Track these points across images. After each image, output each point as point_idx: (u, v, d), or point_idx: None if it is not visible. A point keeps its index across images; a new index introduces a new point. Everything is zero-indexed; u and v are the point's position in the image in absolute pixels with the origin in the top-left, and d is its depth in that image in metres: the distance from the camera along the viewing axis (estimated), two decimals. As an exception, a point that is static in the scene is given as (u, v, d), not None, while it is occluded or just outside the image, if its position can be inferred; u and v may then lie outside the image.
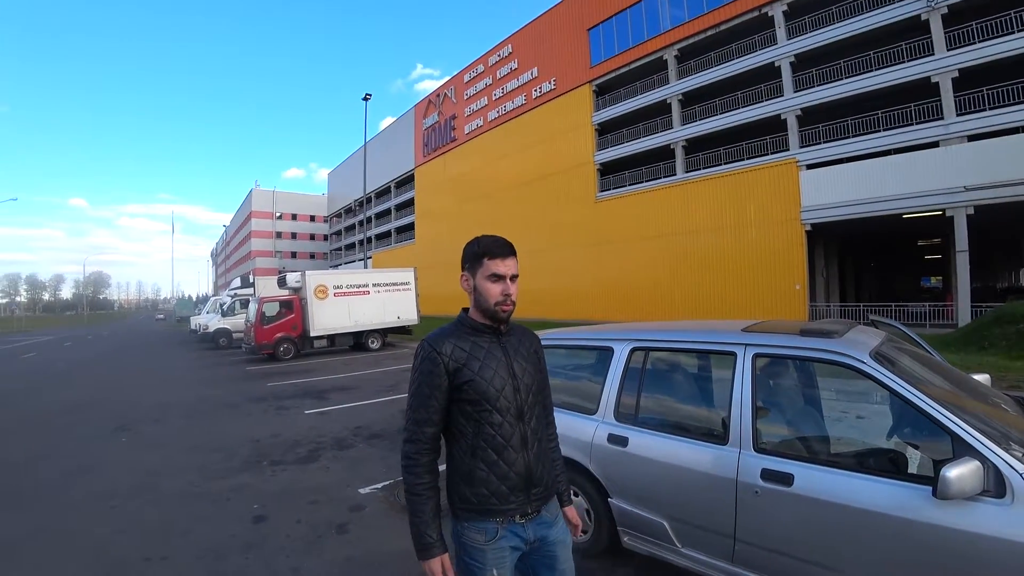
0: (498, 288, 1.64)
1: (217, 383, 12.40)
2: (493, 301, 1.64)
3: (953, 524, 1.91)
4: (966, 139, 16.34)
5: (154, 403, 9.87)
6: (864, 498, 2.13)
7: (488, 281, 1.64)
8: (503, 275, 1.64)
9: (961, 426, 2.01)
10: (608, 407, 3.12)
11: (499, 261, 1.64)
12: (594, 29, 27.33)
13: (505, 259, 1.65)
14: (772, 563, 2.42)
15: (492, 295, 1.64)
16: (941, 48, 16.67)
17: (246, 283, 28.50)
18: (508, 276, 1.64)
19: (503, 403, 1.63)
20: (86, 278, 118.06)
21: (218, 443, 6.79)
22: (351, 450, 6.25)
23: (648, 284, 23.97)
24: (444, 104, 39.42)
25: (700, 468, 2.63)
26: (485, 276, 1.64)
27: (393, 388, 10.39)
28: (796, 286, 19.43)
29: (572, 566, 1.77)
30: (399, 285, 18.95)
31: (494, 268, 1.63)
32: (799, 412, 3.04)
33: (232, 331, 22.30)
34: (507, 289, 1.64)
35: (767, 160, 20.78)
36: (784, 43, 20.29)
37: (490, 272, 1.64)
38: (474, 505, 1.63)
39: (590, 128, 27.53)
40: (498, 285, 1.64)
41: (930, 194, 16.70)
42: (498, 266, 1.63)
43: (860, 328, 2.98)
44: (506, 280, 1.64)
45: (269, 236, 71.72)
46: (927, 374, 2.60)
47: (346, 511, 4.37)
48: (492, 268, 1.63)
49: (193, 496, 4.89)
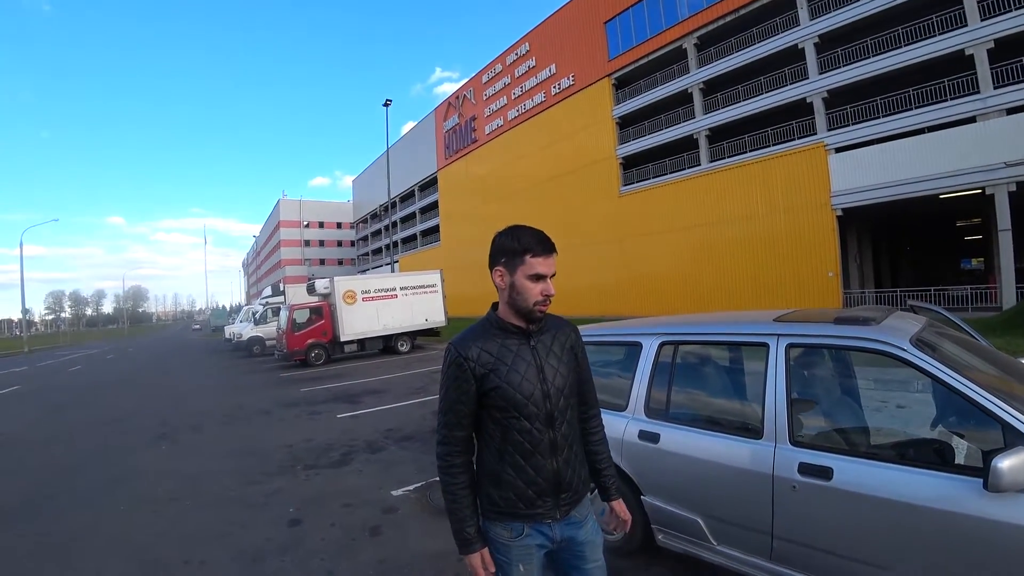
0: (539, 288, 1.57)
1: (251, 390, 12.68)
2: (532, 301, 1.58)
3: (1007, 518, 1.80)
4: (1005, 112, 15.61)
5: (192, 411, 10.15)
6: (908, 491, 2.03)
7: (529, 280, 1.57)
8: (545, 275, 1.58)
9: (1013, 414, 1.89)
10: (638, 403, 3.06)
11: (543, 259, 1.57)
12: (610, 22, 27.06)
13: (548, 257, 1.58)
14: (812, 560, 2.34)
15: (533, 295, 1.57)
16: (975, 18, 15.97)
17: (277, 291, 29.14)
18: (549, 275, 1.59)
19: (531, 409, 1.58)
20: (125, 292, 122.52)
21: (253, 449, 6.94)
22: (383, 453, 6.30)
23: (676, 277, 23.65)
24: (464, 106, 39.57)
25: (735, 464, 2.55)
26: (526, 275, 1.57)
27: (423, 390, 10.46)
28: (829, 273, 18.91)
29: (602, 564, 1.73)
30: (426, 287, 19.11)
31: (538, 267, 1.56)
32: (836, 403, 2.94)
33: (265, 339, 22.82)
34: (548, 289, 1.58)
35: (794, 145, 20.27)
36: (807, 24, 19.73)
37: (533, 271, 1.56)
38: (501, 507, 1.61)
39: (611, 122, 27.28)
40: (539, 285, 1.57)
41: (968, 172, 16.02)
42: (541, 265, 1.57)
43: (899, 314, 2.86)
44: (547, 279, 1.58)
45: (297, 244, 73.12)
46: (972, 360, 2.48)
47: (379, 513, 4.40)
48: (536, 267, 1.56)
49: (230, 501, 5.00)
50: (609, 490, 1.82)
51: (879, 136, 18.10)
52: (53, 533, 4.49)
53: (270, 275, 78.72)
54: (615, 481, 1.84)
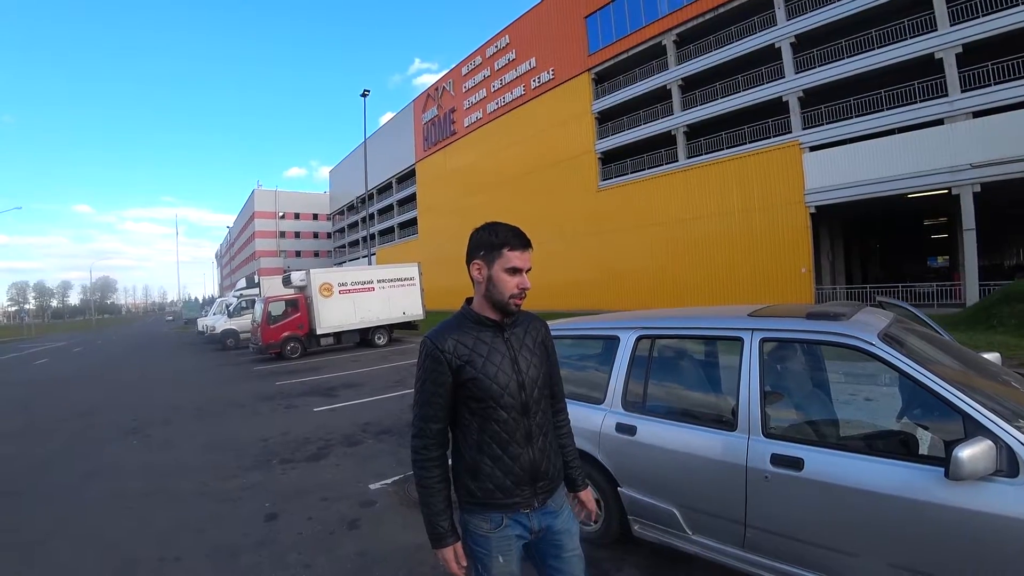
0: (515, 281, 1.61)
1: (225, 383, 12.48)
2: (509, 294, 1.61)
3: (966, 505, 1.89)
4: (971, 115, 16.12)
5: (164, 405, 9.94)
6: (875, 481, 2.11)
7: (506, 273, 1.61)
8: (521, 268, 1.62)
9: (972, 406, 1.98)
10: (615, 396, 3.10)
11: (519, 253, 1.61)
12: (591, 16, 27.09)
13: (524, 251, 1.62)
14: (783, 548, 2.41)
15: (508, 288, 1.61)
16: (944, 23, 16.41)
17: (251, 283, 28.60)
18: (525, 269, 1.63)
19: (508, 399, 1.62)
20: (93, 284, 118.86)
21: (228, 443, 6.84)
22: (360, 446, 6.27)
23: (653, 272, 23.90)
24: (443, 97, 39.27)
25: (709, 455, 2.61)
26: (503, 268, 1.61)
27: (400, 383, 10.41)
28: (802, 269, 19.33)
29: (580, 553, 1.77)
30: (404, 280, 18.98)
31: (514, 260, 1.60)
32: (808, 396, 3.02)
33: (239, 331, 22.39)
34: (523, 283, 1.62)
35: (770, 143, 20.61)
36: (784, 24, 20.04)
37: (509, 264, 1.60)
38: (479, 498, 1.64)
39: (590, 117, 27.37)
40: (515, 278, 1.61)
41: (935, 172, 16.51)
42: (517, 259, 1.61)
43: (868, 310, 2.95)
44: (523, 273, 1.62)
45: (272, 236, 71.86)
46: (937, 354, 2.57)
47: (357, 507, 4.39)
48: (512, 261, 1.60)
49: (205, 496, 4.92)
50: (576, 481, 1.88)
51: (852, 136, 18.52)
52: (22, 530, 4.37)
53: (244, 267, 77.25)
54: (581, 472, 1.91)
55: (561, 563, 1.73)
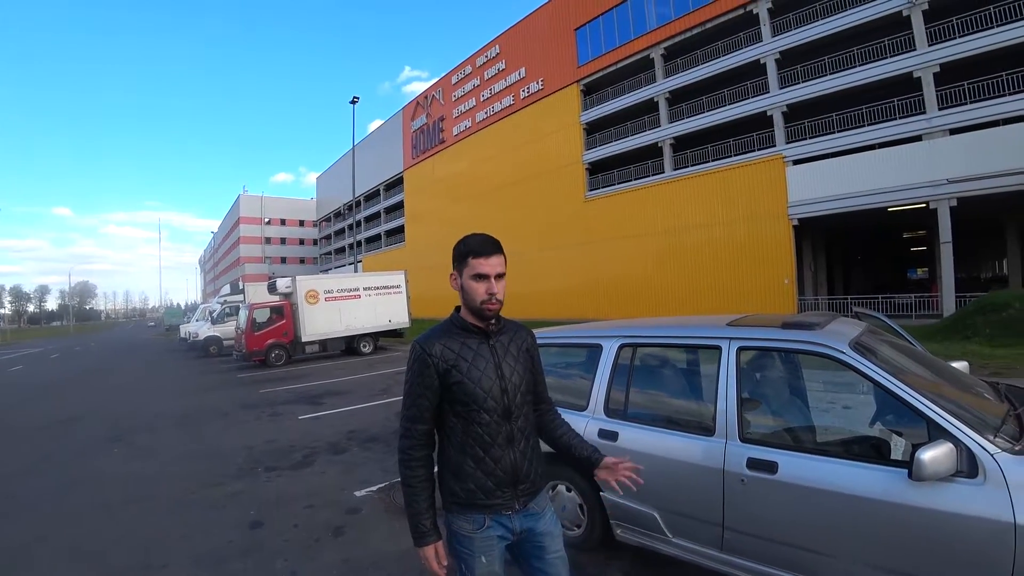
0: (483, 287, 1.67)
1: (209, 391, 12.36)
2: (479, 300, 1.68)
3: (929, 504, 1.98)
4: (948, 132, 16.57)
5: (146, 413, 9.83)
6: (846, 483, 2.20)
7: (473, 280, 1.67)
8: (487, 274, 1.67)
9: (935, 410, 2.08)
10: (598, 403, 3.17)
11: (483, 260, 1.67)
12: (581, 29, 27.43)
13: (489, 258, 1.68)
14: (759, 549, 2.49)
15: (478, 294, 1.67)
16: (923, 43, 16.89)
17: (236, 290, 28.38)
18: (493, 275, 1.67)
19: (490, 403, 1.68)
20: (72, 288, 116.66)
21: (212, 451, 6.80)
22: (346, 454, 6.27)
23: (639, 282, 24.09)
24: (432, 106, 39.40)
25: (688, 459, 2.69)
26: (470, 275, 1.68)
27: (386, 391, 10.40)
28: (785, 280, 19.62)
29: (563, 555, 1.81)
30: (390, 288, 18.95)
31: (478, 267, 1.66)
32: (784, 403, 3.11)
33: (223, 338, 22.20)
34: (491, 288, 1.67)
35: (754, 156, 20.95)
36: (769, 40, 20.46)
37: (475, 272, 1.67)
38: (462, 499, 1.70)
39: (578, 128, 27.63)
40: (483, 284, 1.67)
41: (914, 187, 16.92)
42: (482, 265, 1.67)
43: (842, 320, 3.06)
44: (490, 279, 1.67)
45: (258, 242, 71.25)
46: (906, 362, 2.68)
47: (343, 514, 4.40)
48: (477, 267, 1.67)
49: (189, 504, 4.89)
50: (591, 457, 1.84)
51: (834, 150, 18.91)
52: (3, 541, 4.31)
53: (228, 272, 76.45)
54: (592, 449, 1.86)
55: (544, 564, 1.77)
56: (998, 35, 15.51)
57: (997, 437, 2.04)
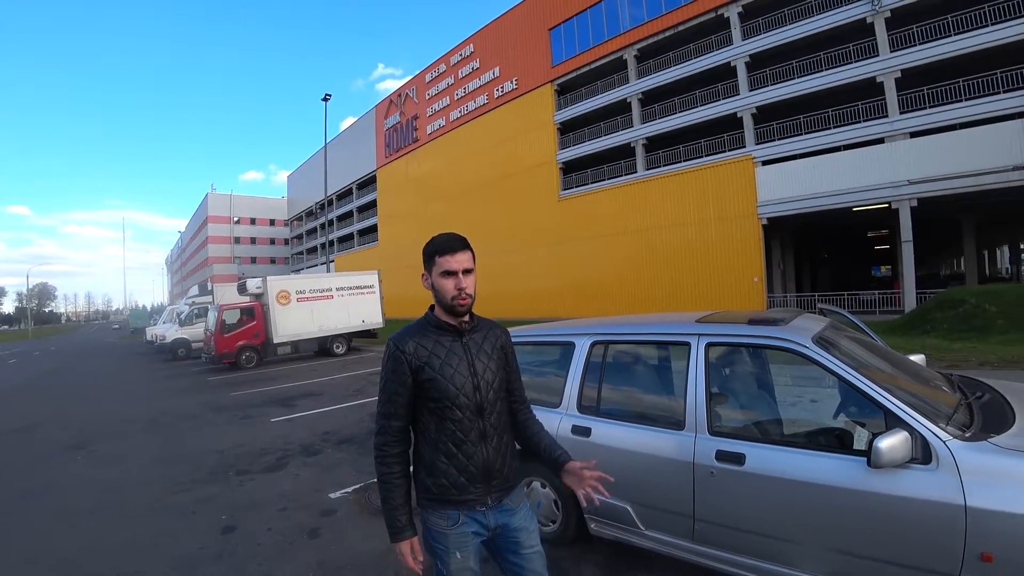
0: (451, 283, 1.70)
1: (177, 395, 12.08)
2: (449, 296, 1.71)
3: (887, 490, 2.07)
4: (909, 135, 17.20)
5: (111, 419, 9.56)
6: (810, 473, 2.28)
7: (442, 278, 1.71)
8: (454, 270, 1.70)
9: (892, 401, 2.18)
10: (571, 400, 3.22)
11: (449, 257, 1.70)
12: (555, 29, 27.58)
13: (455, 254, 1.71)
14: (730, 539, 2.56)
15: (447, 291, 1.71)
16: (885, 49, 17.50)
17: (204, 291, 27.75)
18: (460, 271, 1.70)
19: (463, 400, 1.70)
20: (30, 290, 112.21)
21: (181, 456, 6.65)
22: (320, 456, 6.20)
23: (613, 280, 24.35)
24: (406, 104, 39.12)
25: (660, 453, 2.75)
26: (439, 273, 1.71)
27: (360, 392, 10.32)
28: (755, 278, 20.07)
29: (540, 550, 1.83)
30: (363, 288, 18.78)
31: (445, 265, 1.70)
32: (752, 396, 3.20)
33: (191, 341, 21.66)
34: (460, 283, 1.70)
35: (724, 157, 21.39)
36: (739, 44, 20.91)
37: (442, 269, 1.71)
38: (435, 495, 1.72)
39: (552, 127, 27.78)
40: (450, 280, 1.70)
41: (877, 188, 17.51)
42: (448, 262, 1.70)
43: (806, 316, 3.16)
44: (458, 275, 1.70)
45: (227, 241, 69.75)
46: (867, 356, 2.78)
47: (317, 516, 4.36)
48: (443, 265, 1.70)
49: (158, 510, 4.78)
50: (560, 459, 1.81)
51: (801, 152, 19.45)
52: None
53: (196, 273, 74.68)
54: (563, 450, 1.84)
55: (520, 559, 1.79)
56: (956, 43, 16.18)
57: (949, 425, 2.15)
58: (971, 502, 1.91)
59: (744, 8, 20.76)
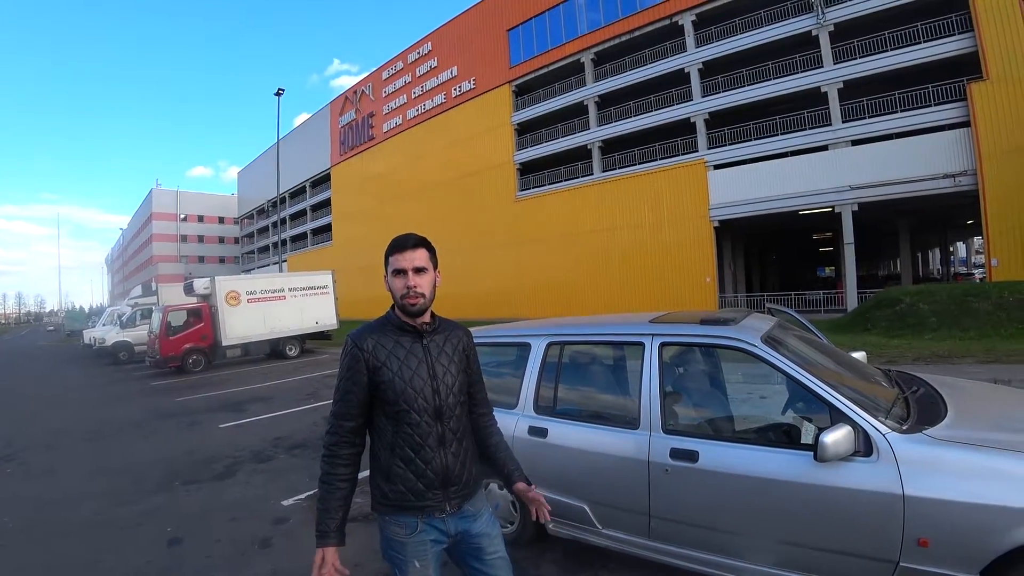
0: (400, 282, 1.67)
1: (119, 401, 11.48)
2: (399, 294, 1.68)
3: (831, 483, 2.16)
4: (850, 143, 18.13)
5: (44, 428, 8.96)
6: (760, 468, 2.35)
7: (393, 277, 1.69)
8: (404, 268, 1.67)
9: (836, 397, 2.28)
10: (527, 400, 3.22)
11: (399, 255, 1.68)
12: (514, 30, 27.68)
13: (405, 252, 1.68)
14: (685, 535, 2.61)
15: (397, 289, 1.68)
16: (829, 61, 18.40)
17: (148, 291, 26.58)
18: (410, 268, 1.67)
19: (421, 403, 1.66)
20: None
21: (124, 466, 6.31)
22: (272, 462, 6.02)
23: (569, 281, 24.63)
24: (362, 101, 38.46)
25: (615, 452, 2.78)
26: (391, 272, 1.69)
27: (313, 396, 10.08)
28: (707, 279, 20.69)
29: (504, 556, 1.79)
30: (317, 289, 18.36)
31: (395, 263, 1.68)
32: (704, 394, 3.29)
33: (133, 344, 20.66)
34: (408, 282, 1.66)
35: (678, 161, 21.97)
36: (693, 51, 21.53)
37: (393, 268, 1.69)
38: (391, 501, 1.67)
39: (510, 128, 27.88)
40: (400, 279, 1.67)
41: (821, 192, 18.38)
42: (398, 261, 1.68)
43: (755, 315, 3.27)
44: (407, 273, 1.67)
45: (173, 240, 66.85)
46: (812, 354, 2.90)
47: (269, 525, 4.22)
48: (394, 263, 1.68)
49: (99, 525, 4.51)
50: (511, 476, 1.82)
51: (751, 156, 20.20)
52: None
53: (140, 273, 71.34)
54: (516, 467, 1.84)
55: (484, 565, 1.75)
56: (893, 57, 17.19)
57: (888, 419, 2.25)
58: (908, 491, 2.01)
59: (698, 16, 21.37)
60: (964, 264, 43.96)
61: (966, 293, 12.90)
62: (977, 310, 12.00)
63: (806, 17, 18.70)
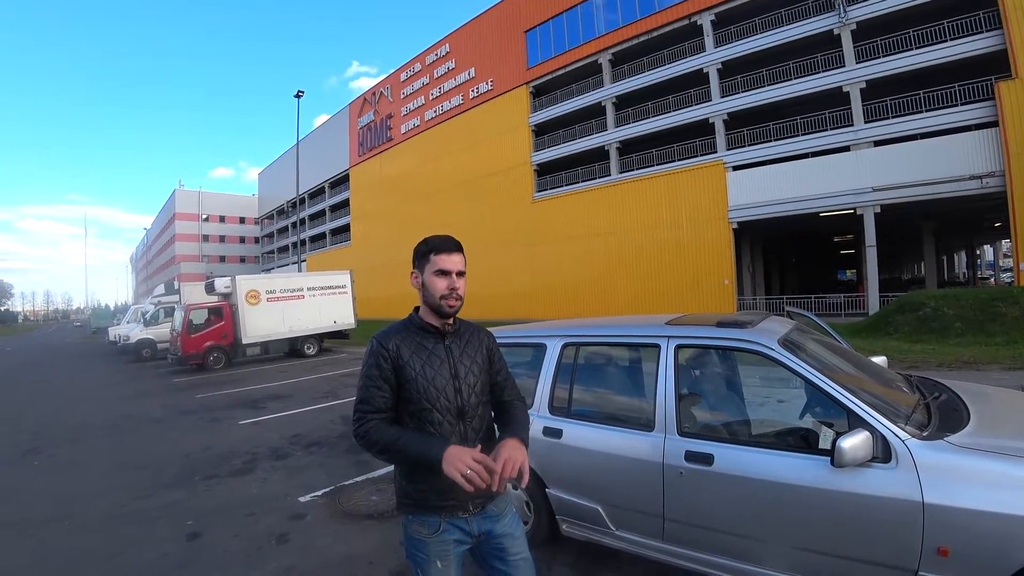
0: (444, 283, 1.70)
1: (141, 397, 11.71)
2: (439, 295, 1.70)
3: (850, 488, 2.13)
4: (872, 144, 17.77)
5: (69, 422, 9.19)
6: (776, 472, 2.33)
7: (435, 276, 1.70)
8: (449, 270, 1.70)
9: (854, 401, 2.24)
10: (543, 401, 3.23)
11: (445, 256, 1.71)
12: (531, 31, 27.68)
13: (451, 255, 1.71)
14: (699, 537, 2.59)
15: (438, 289, 1.70)
16: (851, 60, 18.07)
17: (171, 290, 27.06)
18: (454, 272, 1.71)
19: (443, 403, 1.68)
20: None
21: (144, 460, 6.44)
22: (289, 459, 6.09)
23: (585, 282, 24.53)
24: (380, 103, 38.77)
25: (629, 454, 2.77)
26: (432, 272, 1.71)
27: (331, 394, 10.17)
28: (725, 281, 20.45)
29: (527, 557, 1.79)
30: (335, 288, 18.51)
31: (440, 264, 1.70)
32: (720, 397, 3.26)
33: (156, 341, 21.06)
34: (452, 283, 1.70)
35: (696, 162, 21.75)
36: (712, 51, 21.30)
37: (436, 268, 1.70)
38: (414, 500, 1.69)
39: (527, 129, 27.87)
40: (444, 280, 1.70)
41: (843, 194, 18.05)
42: (444, 261, 1.70)
43: (773, 318, 3.23)
44: (452, 275, 1.70)
45: (195, 239, 68.07)
46: (831, 358, 2.85)
47: (286, 521, 4.27)
48: (438, 264, 1.70)
49: (119, 518, 4.61)
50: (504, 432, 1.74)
51: (770, 158, 19.91)
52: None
53: (163, 272, 72.67)
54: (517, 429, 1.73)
55: (507, 566, 1.75)
56: (918, 56, 16.82)
57: (908, 425, 2.21)
58: (928, 499, 1.98)
59: (717, 16, 21.15)
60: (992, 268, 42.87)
61: (993, 298, 12.57)
62: (1004, 315, 11.68)
63: (828, 16, 18.40)
